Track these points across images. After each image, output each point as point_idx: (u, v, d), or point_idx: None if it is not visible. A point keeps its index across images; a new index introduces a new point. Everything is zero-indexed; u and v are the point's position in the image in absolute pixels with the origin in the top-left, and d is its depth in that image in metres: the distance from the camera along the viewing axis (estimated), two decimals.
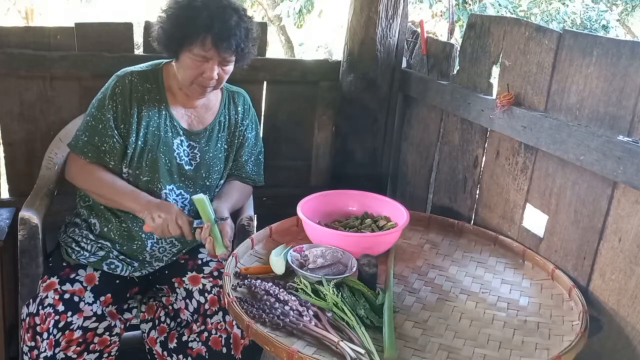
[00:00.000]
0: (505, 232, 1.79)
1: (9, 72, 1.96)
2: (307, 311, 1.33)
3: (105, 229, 1.74)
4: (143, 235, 1.73)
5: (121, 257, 1.74)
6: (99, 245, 1.73)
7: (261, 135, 1.99)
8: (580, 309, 1.40)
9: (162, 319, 1.76)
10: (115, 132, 1.68)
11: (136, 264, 1.75)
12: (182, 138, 1.76)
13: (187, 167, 1.76)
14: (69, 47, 2.00)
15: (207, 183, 1.79)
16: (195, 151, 1.78)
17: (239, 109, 1.86)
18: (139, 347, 1.80)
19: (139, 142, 1.69)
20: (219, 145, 1.82)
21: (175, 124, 1.74)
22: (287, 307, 1.34)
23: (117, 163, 1.70)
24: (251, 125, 1.90)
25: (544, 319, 1.41)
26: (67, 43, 1.99)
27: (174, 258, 1.80)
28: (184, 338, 1.69)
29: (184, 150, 1.76)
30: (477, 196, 1.92)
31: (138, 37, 2.09)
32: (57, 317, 1.59)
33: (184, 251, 1.82)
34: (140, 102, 1.69)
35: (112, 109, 1.67)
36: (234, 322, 1.65)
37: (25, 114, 2.03)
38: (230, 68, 1.68)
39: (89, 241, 1.74)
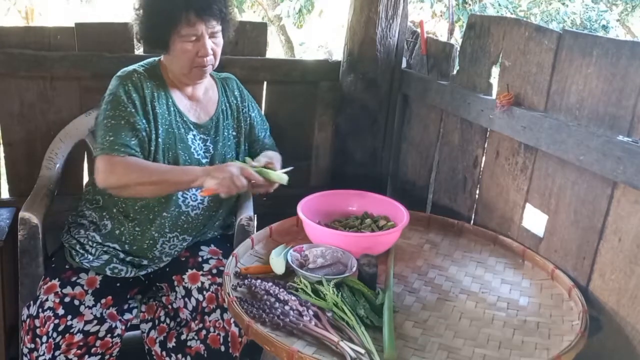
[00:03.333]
0: (505, 232, 1.79)
1: (9, 72, 1.96)
2: (307, 311, 1.33)
3: (117, 231, 1.73)
4: (155, 235, 1.73)
5: (128, 258, 1.73)
6: (104, 249, 1.72)
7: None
8: (580, 308, 1.40)
9: (162, 318, 1.76)
10: (143, 120, 1.64)
11: (145, 262, 1.75)
12: (194, 132, 1.75)
13: (203, 161, 1.76)
14: (69, 47, 2.00)
15: None
16: (208, 143, 1.78)
17: (236, 93, 1.88)
18: (139, 347, 1.80)
19: (159, 140, 1.67)
20: (226, 133, 1.82)
21: (185, 119, 1.74)
22: (287, 307, 1.34)
23: (145, 157, 1.67)
24: (251, 104, 1.92)
25: (544, 318, 1.41)
26: (67, 43, 2.00)
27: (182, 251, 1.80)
28: (183, 337, 1.68)
29: (198, 145, 1.75)
30: (477, 196, 1.92)
31: None
32: (56, 321, 1.59)
33: (185, 246, 1.81)
34: (151, 100, 1.67)
35: (130, 103, 1.63)
36: (232, 320, 1.65)
37: (25, 114, 2.03)
38: (220, 40, 1.68)
39: (94, 244, 1.73)
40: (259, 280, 1.44)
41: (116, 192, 1.66)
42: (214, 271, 1.74)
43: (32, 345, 1.61)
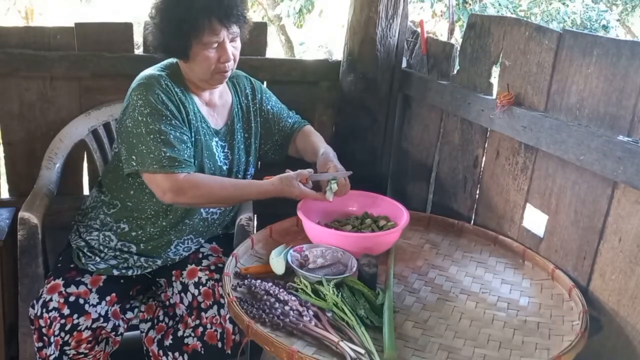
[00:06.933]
0: (505, 232, 1.79)
1: (9, 72, 1.96)
2: (307, 311, 1.33)
3: (134, 233, 1.73)
4: (173, 237, 1.74)
5: (142, 259, 1.73)
6: (115, 254, 1.72)
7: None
8: (580, 309, 1.40)
9: (161, 318, 1.76)
10: (187, 130, 1.62)
11: (159, 262, 1.75)
12: (216, 139, 1.74)
13: (225, 168, 1.76)
14: (69, 47, 2.00)
15: (239, 178, 1.81)
16: (226, 149, 1.77)
17: (247, 91, 1.86)
18: (138, 347, 1.80)
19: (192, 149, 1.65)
20: (239, 136, 1.81)
21: (208, 125, 1.72)
22: (287, 307, 1.34)
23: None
24: (265, 96, 1.91)
25: (544, 319, 1.41)
26: (67, 43, 2.00)
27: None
28: (179, 333, 1.68)
29: (219, 151, 1.75)
30: (477, 196, 1.92)
31: (138, 37, 2.09)
32: (63, 321, 1.59)
33: (197, 247, 1.81)
34: (184, 107, 1.64)
35: (170, 114, 1.59)
36: (228, 317, 1.65)
37: (25, 114, 2.03)
38: (239, 43, 1.66)
39: (105, 248, 1.72)
40: (258, 281, 1.44)
41: (180, 206, 1.69)
42: (212, 267, 1.73)
43: (41, 344, 1.62)
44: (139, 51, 2.09)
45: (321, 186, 1.70)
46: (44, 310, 1.59)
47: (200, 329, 1.66)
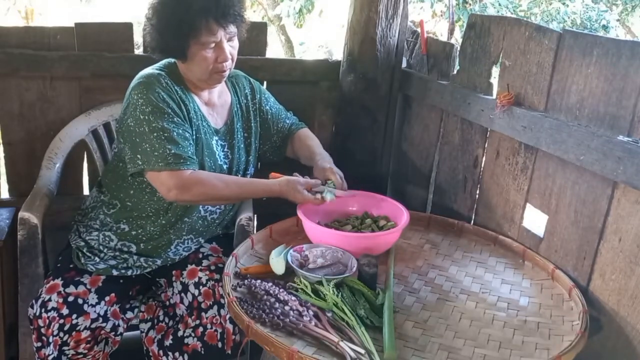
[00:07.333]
0: (505, 232, 1.79)
1: (9, 72, 1.97)
2: (307, 311, 1.33)
3: (134, 232, 1.73)
4: (172, 237, 1.74)
5: (141, 259, 1.73)
6: (114, 254, 1.72)
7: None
8: (580, 309, 1.40)
9: (161, 318, 1.76)
10: (189, 127, 1.62)
11: (159, 262, 1.75)
12: (216, 138, 1.74)
13: (225, 167, 1.76)
14: (69, 47, 2.00)
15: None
16: (226, 149, 1.78)
17: (246, 91, 1.86)
18: (138, 347, 1.80)
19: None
20: (239, 136, 1.82)
21: (209, 124, 1.72)
22: (287, 307, 1.34)
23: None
24: (264, 96, 1.91)
25: (544, 319, 1.41)
26: (67, 43, 2.00)
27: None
28: (180, 333, 1.68)
29: (220, 151, 1.75)
30: (477, 196, 1.92)
31: (138, 37, 2.09)
32: (62, 321, 1.59)
33: (196, 247, 1.81)
34: (185, 105, 1.64)
35: (172, 111, 1.59)
36: (228, 317, 1.65)
37: (25, 114, 2.03)
38: (236, 43, 1.66)
39: (104, 248, 1.72)
40: (259, 281, 1.44)
41: (182, 204, 1.68)
42: (213, 267, 1.73)
43: (40, 344, 1.62)
44: (139, 51, 2.09)
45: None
46: (43, 310, 1.59)
47: (201, 329, 1.66)
